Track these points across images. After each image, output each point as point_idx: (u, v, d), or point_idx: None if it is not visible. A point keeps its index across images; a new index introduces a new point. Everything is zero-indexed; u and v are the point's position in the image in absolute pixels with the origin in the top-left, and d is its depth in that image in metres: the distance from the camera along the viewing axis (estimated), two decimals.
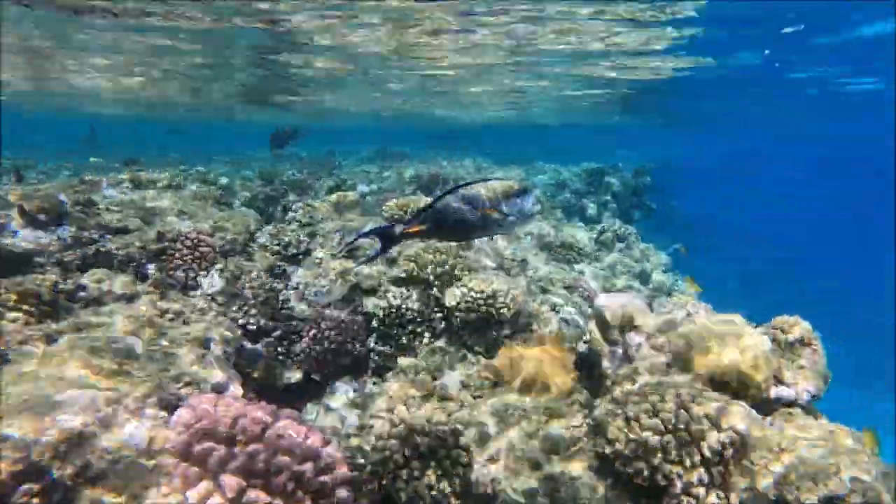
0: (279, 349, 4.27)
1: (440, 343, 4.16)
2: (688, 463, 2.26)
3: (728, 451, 2.28)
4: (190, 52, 8.87)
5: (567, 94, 12.65)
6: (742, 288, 17.77)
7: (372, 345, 4.35)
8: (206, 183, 7.51)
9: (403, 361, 4.18)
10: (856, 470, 2.11)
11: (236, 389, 2.62)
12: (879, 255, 26.58)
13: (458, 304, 3.98)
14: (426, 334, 4.25)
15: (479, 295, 3.95)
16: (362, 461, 2.71)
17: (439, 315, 4.22)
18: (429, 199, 2.37)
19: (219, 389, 2.57)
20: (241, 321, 4.14)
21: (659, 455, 2.28)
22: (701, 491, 2.24)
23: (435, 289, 4.22)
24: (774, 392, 2.76)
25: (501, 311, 3.92)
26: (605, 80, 10.88)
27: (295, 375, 4.22)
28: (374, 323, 4.31)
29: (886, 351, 17.46)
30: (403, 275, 4.39)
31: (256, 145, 13.00)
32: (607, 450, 2.41)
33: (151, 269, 4.11)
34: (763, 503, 2.19)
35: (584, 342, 3.42)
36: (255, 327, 4.18)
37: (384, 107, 16.37)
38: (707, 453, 2.26)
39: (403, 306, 4.25)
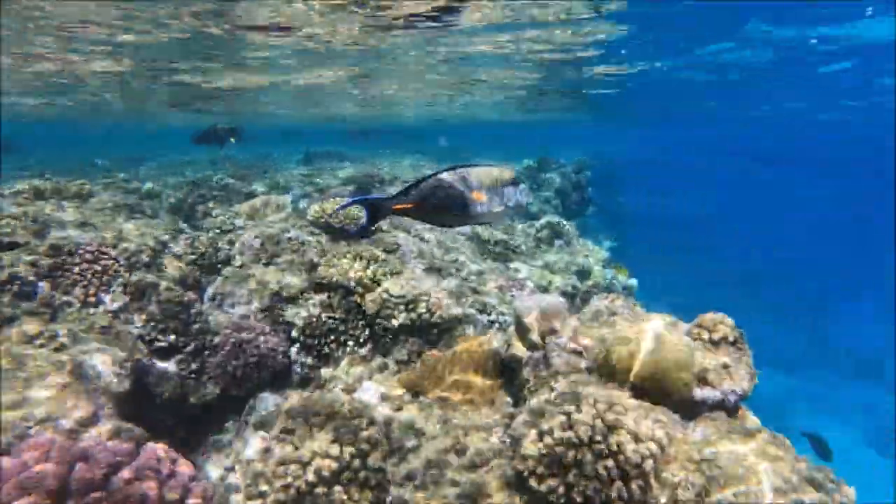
0: (192, 365, 3.98)
1: (364, 351, 3.96)
2: (605, 478, 2.10)
3: (648, 463, 2.14)
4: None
5: (502, 90, 12.54)
6: (688, 283, 18.16)
7: (294, 356, 4.10)
8: (126, 191, 7.09)
9: (325, 373, 3.97)
10: (776, 478, 1.99)
11: (105, 424, 2.35)
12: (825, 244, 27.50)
13: (379, 310, 3.77)
14: (350, 343, 4.03)
15: (399, 300, 3.75)
16: (266, 488, 2.48)
17: (363, 322, 4.01)
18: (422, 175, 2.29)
19: (83, 424, 2.30)
20: (147, 338, 3.84)
21: (574, 471, 2.13)
22: None
23: (357, 295, 4.01)
24: (699, 394, 2.65)
25: (424, 315, 3.74)
26: (535, 76, 10.82)
27: (211, 392, 3.94)
28: (295, 333, 4.07)
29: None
30: (324, 281, 4.15)
31: (198, 149, 12.55)
32: (520, 466, 2.24)
33: (43, 286, 3.76)
34: None
35: (507, 347, 3.27)
36: (164, 344, 3.88)
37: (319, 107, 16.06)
38: (626, 466, 2.12)
39: (325, 315, 4.02)
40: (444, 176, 2.17)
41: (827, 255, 28.84)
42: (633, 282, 7.09)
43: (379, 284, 3.95)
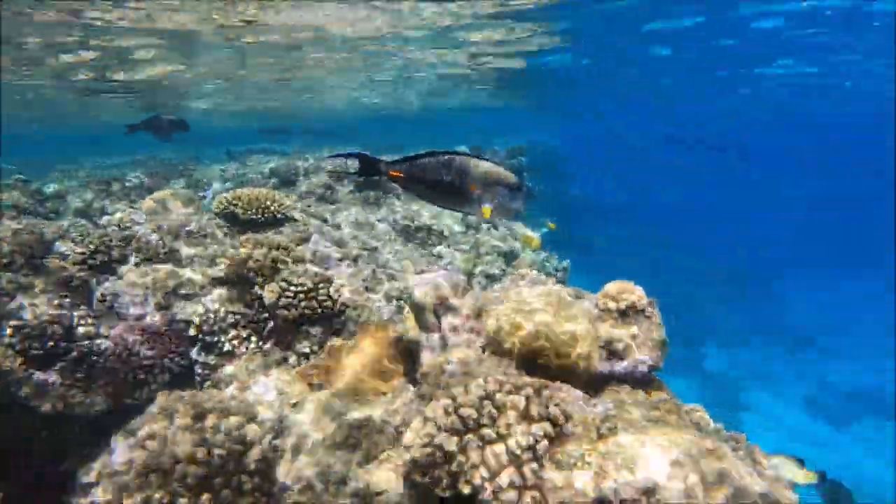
0: (77, 374, 3.61)
1: (268, 346, 3.68)
2: (493, 464, 1.91)
3: (541, 445, 1.95)
4: None
5: (432, 78, 12.33)
6: (630, 266, 18.36)
7: (194, 356, 3.79)
8: (24, 193, 6.57)
9: (228, 371, 3.68)
10: (676, 452, 1.83)
11: None
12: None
13: (278, 300, 3.49)
14: (254, 338, 3.74)
15: (298, 289, 3.48)
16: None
17: (265, 316, 3.72)
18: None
19: None
20: (18, 347, 3.45)
21: (459, 458, 1.92)
22: (512, 495, 1.89)
23: (257, 286, 3.72)
24: (606, 367, 2.49)
25: (325, 303, 3.48)
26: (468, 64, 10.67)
27: (98, 403, 3.58)
28: (193, 331, 3.75)
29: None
30: (221, 274, 3.85)
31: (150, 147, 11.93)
32: (406, 457, 2.02)
33: None
34: (581, 500, 1.87)
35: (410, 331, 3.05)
36: (40, 352, 3.50)
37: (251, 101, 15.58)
38: (517, 450, 1.92)
39: (224, 309, 3.72)
40: (448, 158, 2.17)
41: (765, 235, 29.83)
42: (566, 263, 6.98)
43: (279, 273, 3.67)
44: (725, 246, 25.14)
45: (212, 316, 3.69)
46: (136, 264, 4.20)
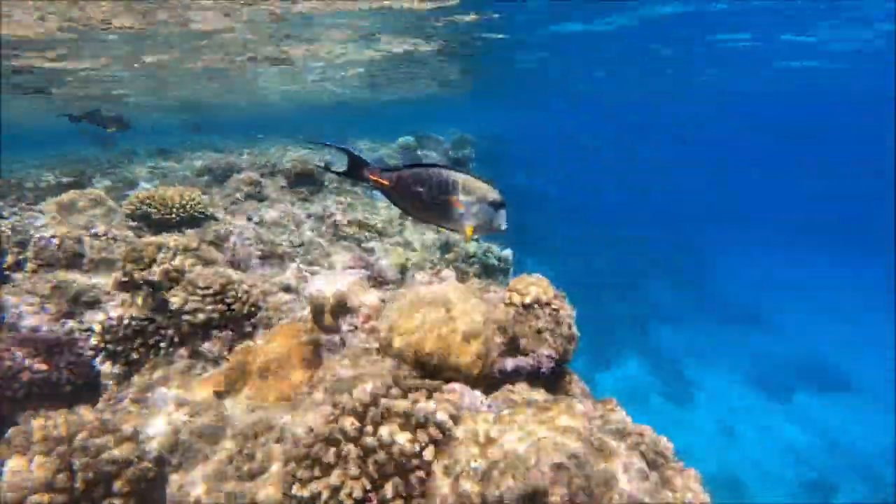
0: None
1: (182, 352, 3.48)
2: (375, 475, 1.79)
3: (428, 452, 1.85)
4: None
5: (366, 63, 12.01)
6: (578, 252, 18.55)
7: (98, 366, 3.56)
8: None
9: (134, 381, 3.47)
10: (559, 455, 1.74)
11: None
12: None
13: (184, 304, 3.30)
14: (163, 344, 3.54)
15: (206, 292, 3.30)
16: None
17: (174, 321, 3.52)
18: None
19: None
20: None
21: (339, 470, 1.80)
22: None
23: (163, 291, 3.51)
24: (510, 363, 2.40)
25: (235, 306, 3.31)
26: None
27: None
28: (95, 340, 3.52)
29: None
30: (127, 278, 3.63)
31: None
32: (287, 469, 1.89)
33: None
34: None
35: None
36: None
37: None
38: (401, 459, 1.81)
39: (128, 316, 3.50)
40: (433, 171, 2.17)
41: (702, 216, 30.53)
42: (508, 253, 6.90)
43: (186, 276, 3.47)
44: (670, 228, 25.62)
45: (114, 323, 3.46)
46: (34, 271, 3.93)
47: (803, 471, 12.22)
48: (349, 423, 1.83)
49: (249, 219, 5.15)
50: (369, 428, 1.84)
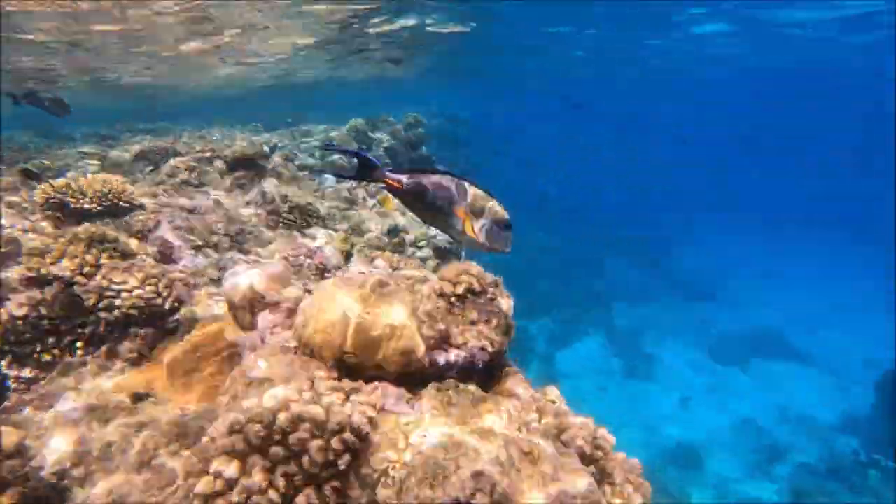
0: None
1: (92, 353, 3.23)
2: (281, 485, 1.62)
3: (343, 459, 1.68)
4: None
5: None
6: (535, 238, 18.57)
7: (5, 370, 3.28)
8: None
9: (45, 385, 3.20)
10: (481, 462, 1.60)
11: None
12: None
13: (98, 301, 3.05)
14: (79, 343, 3.28)
15: (122, 287, 3.05)
16: None
17: (90, 319, 3.26)
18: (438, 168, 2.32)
19: None
20: None
21: (243, 483, 1.62)
22: None
23: (76, 286, 3.24)
24: (440, 358, 2.24)
25: (156, 302, 3.07)
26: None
27: None
28: None
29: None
30: (34, 274, 3.34)
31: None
32: (187, 484, 1.71)
33: None
34: None
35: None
36: None
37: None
38: (312, 468, 1.65)
39: (34, 315, 3.23)
40: (445, 179, 2.18)
41: (664, 196, 31.07)
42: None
43: (100, 270, 3.21)
44: (629, 209, 25.95)
45: (18, 322, 3.18)
46: None
47: (757, 438, 12.59)
48: (254, 431, 1.64)
49: (182, 207, 4.87)
50: (276, 437, 1.67)
